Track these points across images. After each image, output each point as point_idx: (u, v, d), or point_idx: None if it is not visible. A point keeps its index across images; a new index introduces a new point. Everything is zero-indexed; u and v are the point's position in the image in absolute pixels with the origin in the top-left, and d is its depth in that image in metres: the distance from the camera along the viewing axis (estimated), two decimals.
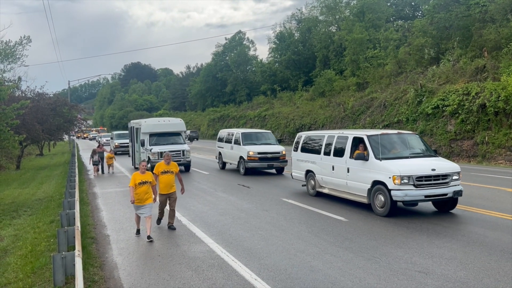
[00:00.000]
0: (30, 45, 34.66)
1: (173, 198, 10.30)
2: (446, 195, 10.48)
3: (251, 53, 79.32)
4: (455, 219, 10.41)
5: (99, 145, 24.45)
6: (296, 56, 59.05)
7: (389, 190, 10.38)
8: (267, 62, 68.74)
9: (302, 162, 14.41)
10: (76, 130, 58.41)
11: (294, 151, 15.07)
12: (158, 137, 22.30)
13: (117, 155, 30.52)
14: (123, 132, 41.31)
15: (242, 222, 10.75)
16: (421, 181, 10.32)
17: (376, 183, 10.83)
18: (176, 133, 23.03)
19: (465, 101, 24.22)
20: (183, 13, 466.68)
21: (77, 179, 17.49)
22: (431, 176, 10.37)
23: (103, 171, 23.18)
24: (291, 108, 48.07)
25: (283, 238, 9.15)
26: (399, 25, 48.47)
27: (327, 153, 12.87)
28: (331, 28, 55.45)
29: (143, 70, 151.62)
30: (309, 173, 14.01)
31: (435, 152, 11.87)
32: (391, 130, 12.58)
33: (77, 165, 24.43)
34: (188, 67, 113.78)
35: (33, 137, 32.06)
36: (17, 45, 34.15)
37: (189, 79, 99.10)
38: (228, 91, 75.86)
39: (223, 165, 22.88)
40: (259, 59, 75.53)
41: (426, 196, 10.33)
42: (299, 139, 14.91)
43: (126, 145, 33.44)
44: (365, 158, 11.14)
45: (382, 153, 10.97)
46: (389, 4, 52.38)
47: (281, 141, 22.33)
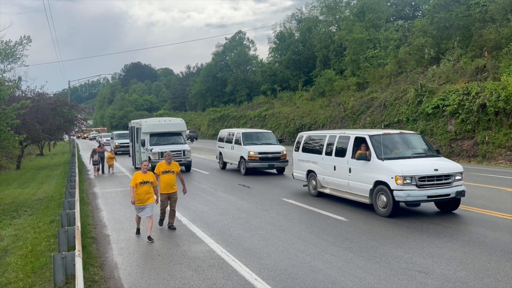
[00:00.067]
0: (30, 45, 34.72)
1: (173, 198, 10.29)
2: (449, 195, 10.41)
3: (251, 53, 79.44)
4: (455, 219, 10.41)
5: (100, 145, 24.46)
6: (296, 56, 59.04)
7: (392, 190, 10.32)
8: (267, 62, 68.74)
9: (303, 162, 14.36)
10: (76, 130, 58.50)
11: (295, 151, 15.00)
12: (158, 137, 22.26)
13: (117, 155, 30.49)
14: (123, 132, 41.28)
15: (242, 222, 10.75)
16: (424, 181, 10.25)
17: (378, 183, 10.77)
18: (176, 133, 23.00)
19: (465, 101, 24.21)
20: (183, 13, 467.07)
21: (77, 179, 17.50)
22: (433, 176, 10.31)
23: (103, 171, 23.17)
24: (291, 108, 48.07)
25: (283, 238, 9.15)
26: (399, 25, 48.46)
27: (329, 153, 12.81)
28: (331, 28, 55.45)
29: (143, 70, 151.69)
30: (311, 173, 13.96)
31: (437, 152, 11.79)
32: (393, 130, 12.52)
33: (77, 165, 24.43)
34: (188, 67, 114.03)
35: (33, 137, 32.08)
36: (17, 45, 34.19)
37: (189, 79, 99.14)
38: (228, 91, 75.87)
39: (224, 165, 22.86)
40: (259, 59, 75.60)
41: (428, 196, 10.26)
42: (300, 139, 14.84)
43: (126, 145, 33.42)
44: (367, 158, 11.08)
45: (384, 153, 10.90)
46: (389, 4, 52.37)
47: (281, 141, 22.35)
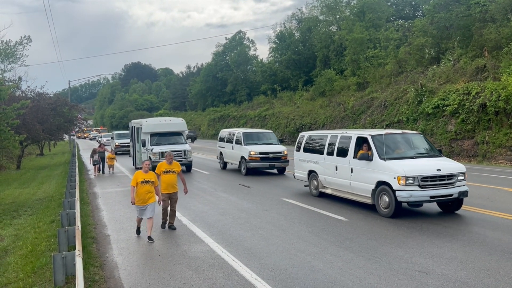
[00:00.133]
0: (30, 45, 34.83)
1: (174, 198, 10.27)
2: (451, 195, 10.35)
3: (251, 53, 79.38)
4: (456, 219, 10.40)
5: (100, 145, 24.45)
6: (296, 55, 59.03)
7: (394, 190, 10.26)
8: (267, 62, 68.72)
9: (304, 162, 14.31)
10: (76, 130, 58.51)
11: (296, 151, 14.95)
12: (159, 137, 22.21)
13: (117, 155, 30.50)
14: (123, 132, 41.25)
15: (242, 222, 10.75)
16: (426, 181, 10.19)
17: (380, 183, 10.72)
18: (177, 133, 22.96)
19: (466, 101, 24.20)
20: (183, 13, 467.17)
21: (77, 179, 17.50)
22: (436, 176, 10.25)
23: (103, 171, 23.14)
24: (291, 108, 48.06)
25: (284, 238, 9.15)
26: (399, 25, 48.44)
27: (330, 153, 12.75)
28: (331, 27, 55.43)
29: (144, 70, 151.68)
30: (312, 173, 13.91)
31: (439, 152, 11.73)
32: (395, 129, 12.47)
33: (77, 165, 24.42)
34: (188, 67, 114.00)
35: (33, 137, 32.09)
36: (17, 45, 34.27)
37: (189, 79, 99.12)
38: (228, 91, 75.85)
39: (224, 165, 22.83)
40: (259, 59, 75.56)
41: (431, 196, 10.20)
42: (301, 139, 14.78)
43: (126, 145, 33.40)
44: (369, 158, 11.02)
45: (386, 153, 10.83)
46: (389, 3, 52.36)
47: (282, 141, 22.31)
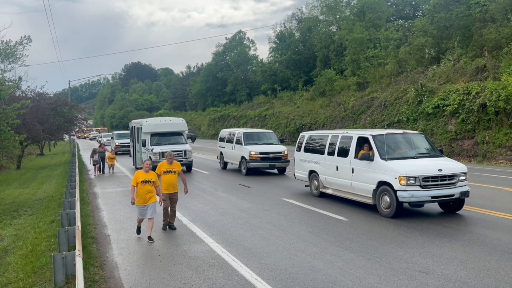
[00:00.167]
0: (30, 45, 34.86)
1: (174, 199, 10.25)
2: (453, 196, 10.32)
3: (252, 52, 79.31)
4: (456, 219, 10.40)
5: (100, 145, 24.43)
6: (296, 55, 59.01)
7: (395, 191, 10.23)
8: (267, 61, 68.69)
9: (305, 162, 14.27)
10: (76, 130, 58.52)
11: (297, 151, 14.92)
12: (159, 137, 22.18)
13: (117, 155, 30.50)
14: (123, 132, 41.24)
15: (242, 222, 10.75)
16: (428, 181, 10.15)
17: (381, 183, 10.69)
18: (177, 133, 22.93)
19: (466, 101, 24.20)
20: (183, 13, 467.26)
21: (77, 179, 17.50)
22: (437, 176, 10.21)
23: (103, 171, 23.11)
24: (291, 107, 48.05)
25: (284, 237, 9.16)
26: (399, 25, 48.42)
27: (331, 153, 12.70)
28: (331, 27, 55.41)
29: (144, 70, 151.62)
30: (313, 174, 13.87)
31: (441, 152, 11.70)
32: (396, 129, 12.44)
33: (77, 165, 24.42)
34: (188, 67, 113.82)
35: (33, 137, 32.12)
36: (17, 45, 34.30)
37: (189, 78, 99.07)
38: (228, 90, 75.83)
39: (225, 165, 22.80)
40: (259, 59, 75.49)
41: (432, 197, 10.16)
42: (302, 139, 14.74)
43: (126, 145, 33.39)
44: (370, 158, 10.99)
45: (387, 153, 10.79)
46: (389, 3, 52.34)
47: (282, 141, 22.28)
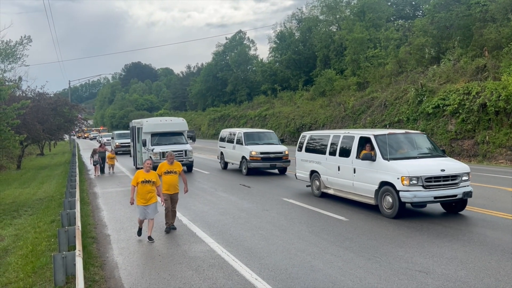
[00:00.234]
0: (30, 45, 34.88)
1: (175, 199, 10.22)
2: (455, 196, 10.26)
3: (252, 52, 79.28)
4: (456, 219, 10.40)
5: (101, 145, 24.42)
6: (296, 55, 59.00)
7: (398, 191, 10.17)
8: (267, 61, 68.68)
9: (306, 162, 14.20)
10: (76, 130, 58.52)
11: (298, 151, 14.85)
12: (160, 137, 22.13)
13: (118, 155, 30.51)
14: (124, 131, 41.22)
15: (242, 221, 10.76)
16: (430, 182, 10.09)
17: (383, 184, 10.62)
18: (178, 133, 22.89)
19: (466, 101, 24.20)
20: (183, 12, 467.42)
21: (77, 178, 17.51)
22: (440, 177, 10.15)
23: (103, 171, 23.08)
24: (291, 107, 48.04)
25: (284, 237, 9.15)
26: (399, 25, 48.43)
27: (333, 153, 12.63)
28: (331, 27, 55.39)
29: (144, 69, 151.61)
30: (314, 174, 13.80)
31: (443, 152, 11.65)
32: (398, 129, 12.41)
33: (77, 164, 24.43)
34: (188, 67, 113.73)
35: (33, 137, 32.12)
36: (17, 45, 34.33)
37: (189, 78, 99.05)
38: (228, 90, 75.82)
39: (225, 165, 22.75)
40: (259, 59, 75.48)
41: (435, 197, 10.09)
42: (303, 139, 14.66)
43: (127, 145, 33.39)
44: (372, 158, 10.93)
45: (389, 153, 10.74)
46: (389, 3, 52.34)
47: (283, 141, 22.25)
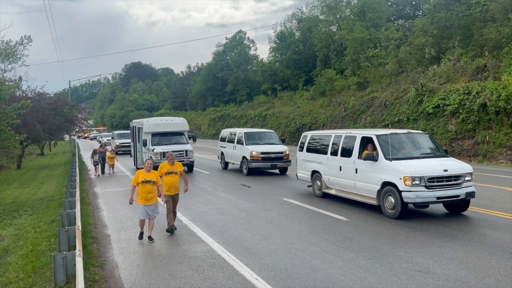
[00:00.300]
0: (30, 45, 34.88)
1: (176, 200, 10.19)
2: (458, 196, 10.19)
3: (252, 52, 79.29)
4: (456, 219, 10.39)
5: (101, 145, 24.39)
6: (296, 55, 58.99)
7: (400, 191, 10.11)
8: (267, 61, 68.66)
9: (307, 162, 14.13)
10: (76, 129, 58.52)
11: (299, 151, 14.78)
12: (160, 136, 22.07)
13: (118, 155, 30.50)
14: (124, 131, 41.20)
15: (242, 221, 10.75)
16: (433, 182, 10.03)
17: (386, 184, 10.56)
18: (179, 133, 22.84)
19: (466, 101, 24.19)
20: (183, 12, 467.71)
21: (77, 178, 17.51)
22: (443, 177, 10.09)
23: (103, 172, 23.05)
24: (291, 107, 48.03)
25: (284, 237, 9.15)
26: (399, 25, 48.42)
27: (334, 153, 12.57)
28: (331, 27, 55.38)
29: (144, 69, 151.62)
30: (315, 174, 13.73)
31: (445, 152, 11.58)
32: (400, 129, 12.37)
33: (77, 164, 24.42)
34: (188, 67, 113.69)
35: (33, 137, 32.11)
36: (17, 45, 34.33)
37: (189, 78, 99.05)
38: (228, 90, 75.83)
39: (226, 165, 22.70)
40: (259, 59, 75.47)
41: (438, 197, 10.02)
42: (304, 139, 14.58)
43: (127, 145, 33.39)
44: (374, 158, 10.86)
45: (392, 153, 10.66)
46: (389, 3, 52.33)
47: (283, 141, 22.23)
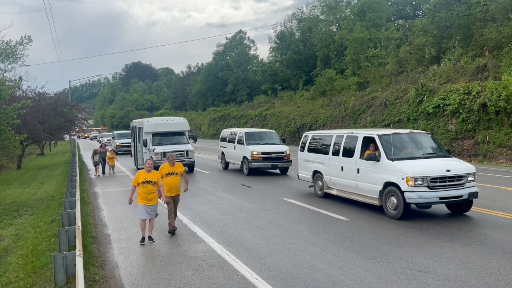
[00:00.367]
0: (30, 45, 34.91)
1: (177, 200, 10.17)
2: (461, 197, 10.13)
3: (252, 52, 79.30)
4: (456, 219, 10.39)
5: (101, 145, 24.35)
6: (296, 55, 58.99)
7: (402, 192, 10.05)
8: (267, 61, 68.68)
9: (309, 162, 14.06)
10: (77, 129, 58.53)
11: (300, 151, 14.73)
12: (161, 136, 22.00)
13: (118, 155, 30.50)
14: (124, 131, 41.18)
15: (242, 221, 10.75)
16: (436, 182, 9.97)
17: (388, 184, 10.50)
18: (179, 133, 22.78)
19: (466, 100, 24.19)
20: (183, 12, 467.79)
21: (78, 178, 17.51)
22: (446, 177, 10.03)
23: (104, 172, 23.02)
24: (291, 107, 48.04)
25: (284, 237, 9.15)
26: (400, 24, 48.43)
27: (336, 153, 12.51)
28: (332, 27, 55.38)
29: (144, 69, 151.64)
30: (317, 174, 13.67)
31: (448, 152, 11.54)
32: (402, 129, 12.32)
33: (78, 164, 24.42)
34: (188, 67, 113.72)
35: (34, 137, 32.11)
36: (18, 45, 34.35)
37: (189, 78, 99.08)
38: (229, 90, 75.83)
39: (226, 165, 22.65)
40: (259, 59, 75.50)
41: (441, 198, 9.96)
42: (305, 139, 14.53)
43: (127, 145, 33.38)
44: (376, 158, 10.80)
45: (394, 153, 10.60)
46: (390, 3, 52.34)
47: (284, 141, 22.20)
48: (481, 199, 12.42)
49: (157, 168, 10.08)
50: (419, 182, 9.89)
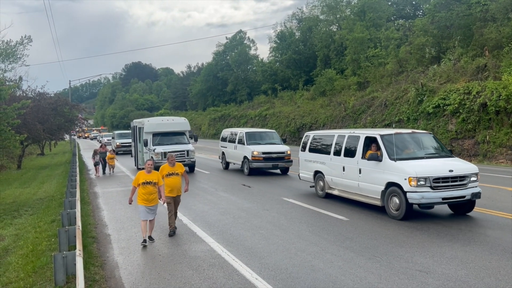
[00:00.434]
0: (31, 45, 34.94)
1: (178, 201, 10.15)
2: (464, 197, 10.08)
3: (252, 52, 79.29)
4: (456, 219, 10.39)
5: (102, 145, 24.34)
6: (297, 55, 58.98)
7: (405, 192, 10.00)
8: (267, 61, 68.65)
9: (310, 162, 14.00)
10: (77, 129, 58.56)
11: (301, 151, 14.69)
12: (161, 136, 21.96)
13: (118, 155, 30.50)
14: (124, 131, 41.17)
15: (243, 221, 10.76)
16: (438, 182, 9.92)
17: (390, 184, 10.44)
18: (180, 133, 22.74)
19: (466, 100, 24.19)
20: (183, 12, 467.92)
21: (78, 178, 17.51)
22: (448, 177, 9.98)
23: (104, 172, 23.02)
24: (292, 107, 48.04)
25: (284, 237, 9.15)
26: (400, 24, 48.40)
27: (337, 153, 12.44)
28: (332, 27, 55.38)
29: (144, 69, 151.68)
30: (318, 174, 13.61)
31: (450, 152, 11.49)
32: (404, 129, 12.23)
33: (78, 164, 24.41)
34: (189, 67, 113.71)
35: (34, 137, 32.12)
36: (18, 45, 34.37)
37: (190, 78, 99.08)
38: (229, 90, 75.84)
39: (227, 165, 22.61)
40: (259, 59, 75.47)
41: (443, 198, 9.91)
42: (306, 139, 14.47)
43: (127, 145, 33.38)
44: (378, 158, 10.74)
45: (396, 154, 10.56)
46: (390, 3, 52.33)
47: (285, 141, 22.19)
48: (481, 199, 12.40)
49: (157, 168, 10.07)
50: (422, 182, 9.84)
